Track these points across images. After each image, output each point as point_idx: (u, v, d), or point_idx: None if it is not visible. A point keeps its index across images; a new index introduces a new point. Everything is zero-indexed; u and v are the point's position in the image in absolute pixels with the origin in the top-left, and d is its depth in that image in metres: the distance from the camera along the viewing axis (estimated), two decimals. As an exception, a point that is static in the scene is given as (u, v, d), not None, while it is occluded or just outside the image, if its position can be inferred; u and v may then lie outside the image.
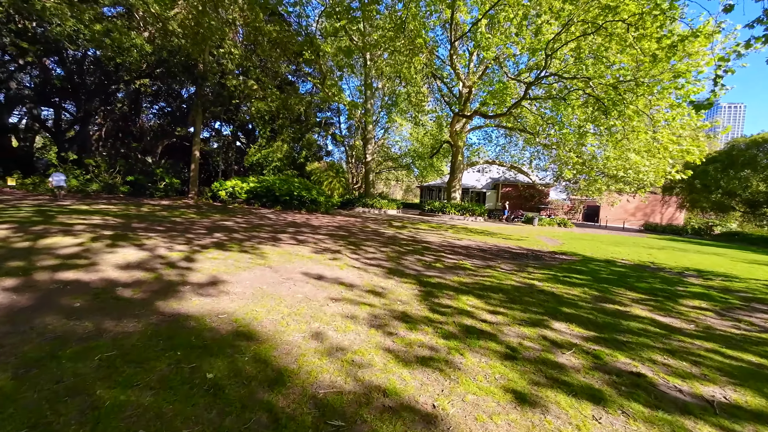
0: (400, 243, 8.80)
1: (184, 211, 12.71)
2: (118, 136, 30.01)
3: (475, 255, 7.91)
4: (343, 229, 11.09)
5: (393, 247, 8.05)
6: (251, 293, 3.68)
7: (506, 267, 6.66)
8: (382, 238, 9.45)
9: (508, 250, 9.25)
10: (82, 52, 18.49)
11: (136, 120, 27.98)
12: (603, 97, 9.53)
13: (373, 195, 25.29)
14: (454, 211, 22.25)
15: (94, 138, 30.10)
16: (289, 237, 8.16)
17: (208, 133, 37.39)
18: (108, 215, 9.43)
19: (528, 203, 35.17)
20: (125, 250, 5.13)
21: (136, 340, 2.34)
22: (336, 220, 14.43)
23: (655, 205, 37.61)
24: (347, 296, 3.87)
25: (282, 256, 5.77)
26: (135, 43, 14.24)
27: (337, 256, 6.24)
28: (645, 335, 3.33)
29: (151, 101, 30.04)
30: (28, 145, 24.95)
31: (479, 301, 4.05)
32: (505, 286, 5.00)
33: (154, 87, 25.48)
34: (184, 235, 7.16)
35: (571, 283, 5.58)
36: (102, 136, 29.48)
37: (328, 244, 7.64)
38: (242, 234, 7.99)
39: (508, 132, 26.09)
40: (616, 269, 7.44)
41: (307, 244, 7.38)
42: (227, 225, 9.48)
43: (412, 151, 36.74)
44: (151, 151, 29.04)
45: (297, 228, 10.15)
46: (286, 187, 17.59)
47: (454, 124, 17.46)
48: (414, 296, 4.08)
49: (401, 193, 67.90)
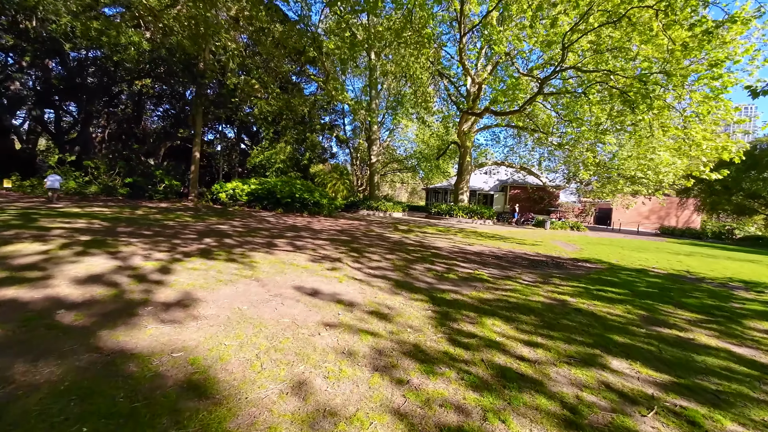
0: (407, 249, 8.05)
1: (180, 213, 12.13)
2: (121, 138, 29.85)
3: (491, 263, 7.13)
4: (345, 233, 10.39)
5: (399, 254, 7.30)
6: (226, 317, 2.97)
7: (528, 278, 5.87)
8: (388, 244, 8.72)
9: (524, 257, 8.44)
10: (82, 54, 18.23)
11: (140, 122, 27.76)
12: (629, 90, 8.71)
13: (377, 197, 24.61)
14: (462, 214, 21.43)
15: (98, 140, 30.00)
16: (286, 242, 7.47)
17: (213, 135, 37.23)
18: (96, 218, 8.85)
19: (537, 206, 34.19)
20: (93, 260, 4.47)
21: (36, 402, 1.64)
22: (339, 223, 13.75)
23: (670, 208, 36.28)
24: (345, 320, 3.14)
25: (274, 266, 5.06)
26: (132, 41, 13.80)
27: (337, 266, 5.51)
28: (735, 379, 2.54)
29: (155, 103, 29.87)
30: (30, 147, 24.80)
31: (508, 327, 3.29)
32: (533, 303, 4.22)
33: (156, 88, 25.23)
34: (171, 240, 6.51)
35: (607, 298, 4.78)
36: (105, 138, 29.34)
37: (328, 250, 6.92)
38: (235, 239, 7.32)
39: (518, 132, 25.26)
40: (651, 280, 6.59)
41: (305, 250, 6.68)
42: (221, 229, 8.84)
43: (417, 152, 36.05)
44: (153, 153, 28.80)
45: (296, 232, 9.47)
46: (287, 189, 16.99)
47: (462, 123, 16.70)
48: (427, 319, 3.34)
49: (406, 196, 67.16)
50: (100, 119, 29.79)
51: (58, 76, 16.69)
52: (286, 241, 7.62)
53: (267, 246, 6.82)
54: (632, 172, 17.42)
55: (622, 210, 37.61)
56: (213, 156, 31.92)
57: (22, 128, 25.81)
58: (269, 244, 7.02)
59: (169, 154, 30.40)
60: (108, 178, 18.56)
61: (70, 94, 18.36)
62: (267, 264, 5.17)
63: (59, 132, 20.92)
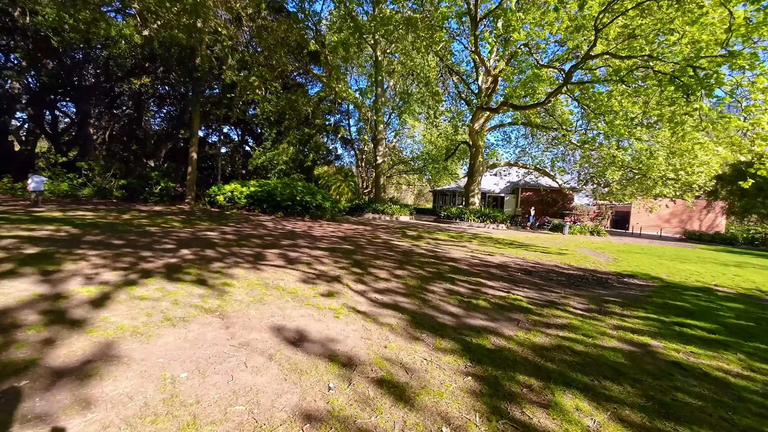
0: (419, 261, 6.84)
1: (170, 218, 11.13)
2: (123, 140, 29.32)
3: (522, 280, 5.88)
4: (348, 240, 9.22)
5: (411, 268, 6.10)
6: (142, 402, 1.82)
7: (577, 304, 4.62)
8: (396, 254, 7.52)
9: (557, 271, 7.17)
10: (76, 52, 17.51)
11: (140, 123, 27.13)
12: (680, 75, 7.40)
13: (383, 200, 23.45)
14: (474, 218, 20.13)
15: (99, 141, 29.48)
16: (277, 254, 6.33)
17: (217, 137, 36.63)
18: (70, 225, 7.85)
19: (550, 209, 32.70)
20: (12, 284, 3.38)
21: None
22: (342, 228, 12.61)
23: (693, 211, 34.33)
24: (338, 405, 1.96)
25: (252, 291, 3.91)
26: (123, 34, 12.92)
27: (335, 288, 4.34)
28: None
29: (158, 105, 29.30)
30: (29, 149, 24.28)
31: (600, 411, 2.07)
32: (609, 354, 2.98)
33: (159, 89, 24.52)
34: (139, 252, 5.42)
35: (702, 340, 3.51)
36: (106, 139, 28.80)
37: (326, 264, 5.76)
38: (219, 250, 6.21)
39: (532, 131, 23.92)
40: (730, 305, 5.27)
41: (298, 265, 5.52)
42: (208, 237, 7.76)
43: (425, 153, 34.87)
44: (154, 155, 28.14)
45: (293, 240, 8.33)
46: (288, 192, 15.93)
47: (476, 120, 15.46)
48: (469, 398, 2.14)
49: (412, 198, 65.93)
50: (101, 120, 29.33)
51: (49, 73, 15.93)
52: (278, 252, 6.48)
53: (254, 259, 5.69)
54: (661, 172, 15.97)
55: (641, 213, 35.83)
56: (215, 158, 31.16)
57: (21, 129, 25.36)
58: (257, 257, 5.88)
59: (170, 156, 29.72)
60: (102, 180, 17.76)
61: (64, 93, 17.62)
62: (244, 288, 4.01)
63: (56, 132, 20.23)
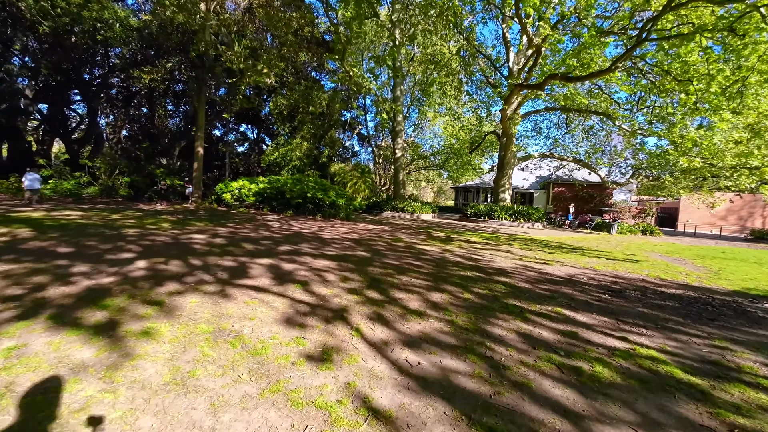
0: (459, 276, 4.95)
1: (165, 218, 9.78)
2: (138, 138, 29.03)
3: (620, 309, 3.87)
4: (364, 244, 7.45)
5: (452, 289, 4.23)
6: None
7: (758, 365, 2.61)
8: (426, 265, 5.67)
9: (655, 290, 5.07)
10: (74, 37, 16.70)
11: (154, 121, 26.63)
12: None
13: (403, 197, 21.58)
14: (505, 216, 17.87)
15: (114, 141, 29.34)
16: (267, 267, 4.64)
17: (234, 136, 36.05)
18: (32, 227, 6.56)
19: (586, 205, 29.71)
20: None
21: None
22: (357, 228, 10.88)
23: (754, 207, 30.14)
24: None
25: (182, 354, 2.18)
26: (118, 16, 11.72)
27: (337, 339, 2.56)
28: None
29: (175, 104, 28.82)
30: (45, 149, 24.22)
31: None
32: None
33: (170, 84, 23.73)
34: (73, 267, 3.89)
35: None
36: (121, 138, 28.58)
37: (329, 284, 3.99)
38: (189, 261, 4.60)
39: (568, 118, 21.23)
40: None
41: (290, 286, 3.78)
42: (191, 241, 6.22)
43: (446, 147, 32.66)
44: (168, 152, 27.56)
45: (295, 245, 6.65)
46: (298, 188, 14.39)
47: (509, 103, 13.21)
48: None
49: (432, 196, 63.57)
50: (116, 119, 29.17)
51: (48, 65, 15.13)
52: (268, 264, 4.80)
53: (229, 276, 4.01)
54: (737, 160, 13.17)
55: (690, 210, 31.92)
56: (228, 155, 30.36)
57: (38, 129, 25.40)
58: (235, 273, 4.21)
59: (183, 154, 29.19)
60: (108, 178, 16.96)
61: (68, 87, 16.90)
62: (173, 343, 2.29)
63: (66, 131, 19.74)
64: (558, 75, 8.99)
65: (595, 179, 28.96)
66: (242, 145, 36.39)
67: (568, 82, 9.09)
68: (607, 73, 8.51)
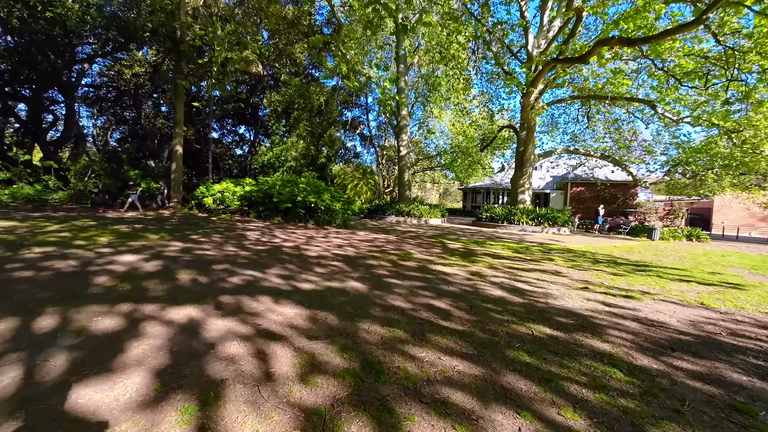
0: (517, 336, 2.81)
1: (113, 229, 7.77)
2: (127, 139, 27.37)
3: None
4: (360, 266, 5.33)
5: (519, 381, 2.11)
6: None
7: None
8: (455, 310, 3.53)
9: None
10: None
11: (141, 121, 24.89)
12: None
13: (408, 199, 19.46)
14: (527, 220, 15.65)
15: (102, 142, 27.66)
16: (175, 330, 2.54)
17: (231, 138, 34.33)
18: None
19: (609, 206, 27.28)
20: None
21: None
22: (355, 239, 8.78)
23: (797, 207, 27.37)
24: None
25: None
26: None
27: None
28: None
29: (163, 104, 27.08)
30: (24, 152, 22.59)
31: None
32: None
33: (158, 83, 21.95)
34: None
35: None
36: (107, 139, 26.91)
37: (274, 382, 1.89)
38: (37, 323, 2.54)
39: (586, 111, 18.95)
40: None
41: (183, 394, 1.69)
42: (110, 268, 4.17)
43: (454, 146, 30.54)
44: (157, 154, 25.75)
45: (262, 272, 4.56)
46: (288, 191, 12.37)
47: (538, 82, 11.00)
48: None
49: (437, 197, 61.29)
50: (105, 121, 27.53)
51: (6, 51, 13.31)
52: (184, 322, 2.70)
53: (68, 369, 1.92)
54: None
55: (723, 210, 29.29)
56: (220, 156, 28.55)
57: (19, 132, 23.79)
58: (94, 353, 2.12)
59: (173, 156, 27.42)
60: (78, 181, 15.12)
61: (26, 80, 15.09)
62: None
63: (38, 128, 17.97)
64: (614, 39, 6.79)
65: (617, 178, 26.59)
66: (241, 149, 34.66)
67: (628, 46, 6.97)
68: (693, 27, 6.33)
